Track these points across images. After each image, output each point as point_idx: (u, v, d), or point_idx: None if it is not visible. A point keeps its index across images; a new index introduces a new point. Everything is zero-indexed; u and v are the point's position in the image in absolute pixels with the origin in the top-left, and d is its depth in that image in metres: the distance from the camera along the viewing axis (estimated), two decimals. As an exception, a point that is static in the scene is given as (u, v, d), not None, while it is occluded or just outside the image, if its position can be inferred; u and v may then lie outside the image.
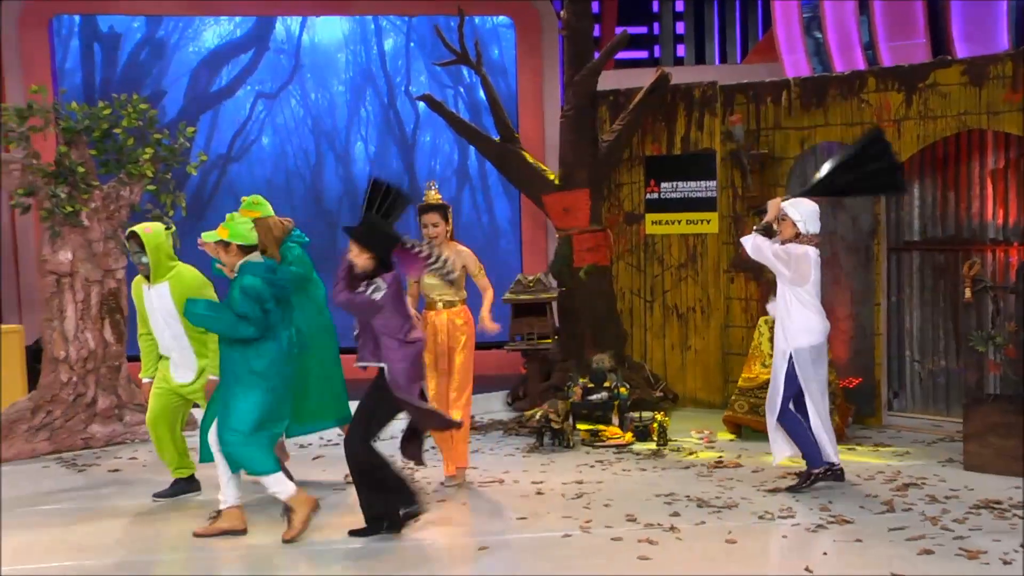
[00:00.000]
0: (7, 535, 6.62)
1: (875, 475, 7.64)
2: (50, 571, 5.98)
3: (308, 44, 12.67)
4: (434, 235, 7.49)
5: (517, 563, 5.92)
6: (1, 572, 5.41)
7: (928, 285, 9.43)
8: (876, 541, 6.10)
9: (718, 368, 10.35)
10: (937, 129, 9.03)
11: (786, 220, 7.25)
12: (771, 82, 10.23)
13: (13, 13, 11.81)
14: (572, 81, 10.26)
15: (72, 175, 9.11)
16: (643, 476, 7.80)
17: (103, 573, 5.95)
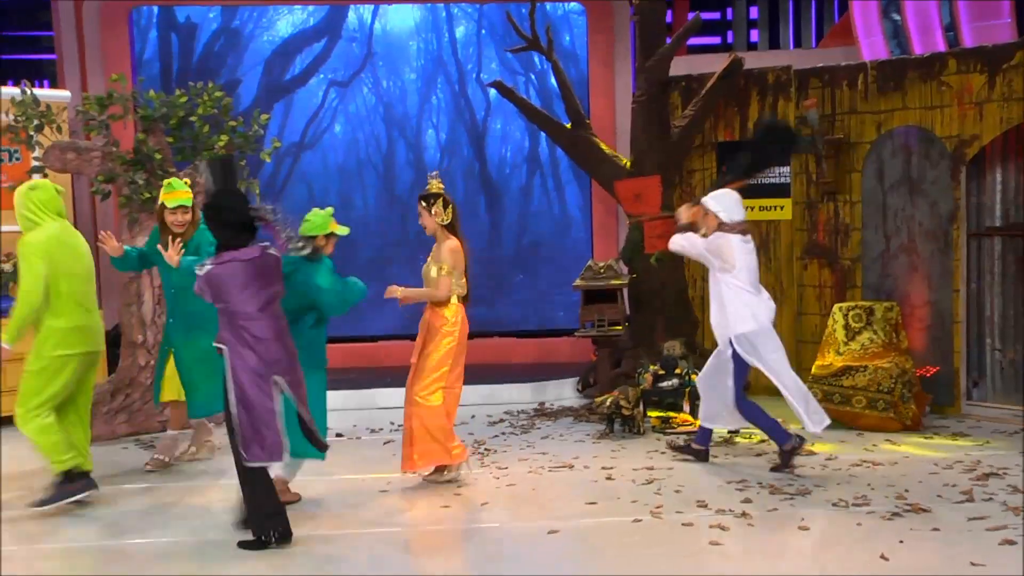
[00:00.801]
0: (95, 511, 6.80)
1: (953, 464, 7.52)
2: (135, 545, 6.12)
3: (380, 32, 12.67)
4: (422, 225, 7.34)
5: (587, 547, 5.94)
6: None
7: (1010, 272, 9.27)
8: (955, 530, 6.00)
9: (791, 356, 10.07)
10: (1021, 111, 8.83)
11: (708, 215, 7.52)
12: (847, 66, 10.10)
13: (95, 5, 11.98)
14: (644, 67, 10.21)
15: (150, 162, 9.22)
16: (714, 463, 7.77)
17: (180, 547, 6.05)
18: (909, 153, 9.54)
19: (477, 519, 6.53)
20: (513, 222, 12.83)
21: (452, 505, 6.83)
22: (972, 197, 9.37)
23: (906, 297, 9.51)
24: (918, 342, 9.37)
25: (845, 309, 9.26)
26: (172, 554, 5.99)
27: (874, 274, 9.76)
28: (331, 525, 6.47)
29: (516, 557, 5.85)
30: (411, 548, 6.15)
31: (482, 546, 6.05)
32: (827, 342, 9.23)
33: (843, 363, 8.90)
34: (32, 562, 5.91)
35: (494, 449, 8.44)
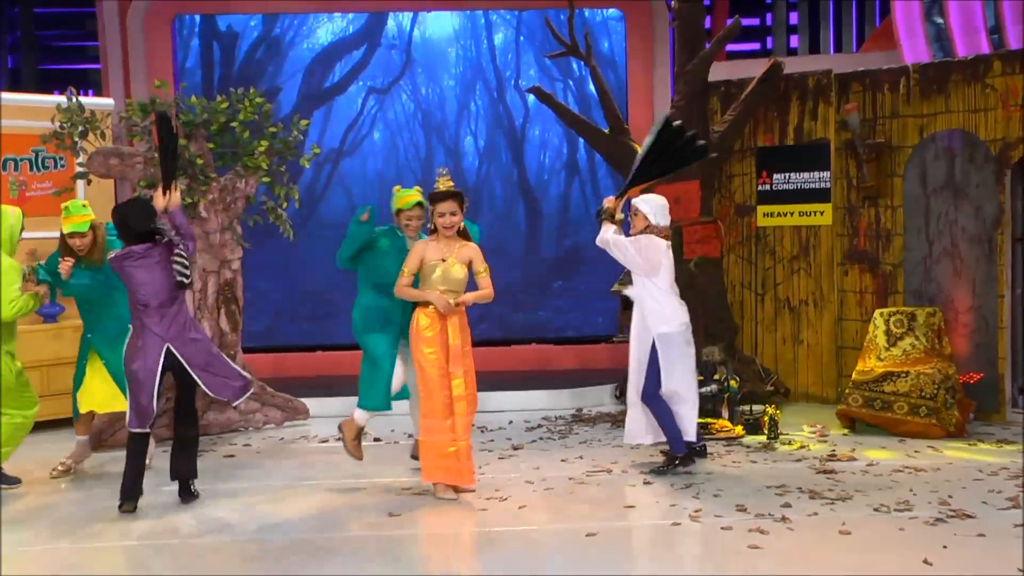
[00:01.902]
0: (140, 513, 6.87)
1: (999, 471, 7.43)
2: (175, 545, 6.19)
3: (419, 39, 12.72)
4: (450, 224, 6.93)
5: (626, 550, 5.95)
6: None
7: (1057, 277, 9.20)
8: (1001, 537, 5.93)
9: (831, 362, 10.20)
10: (1067, 114, 8.79)
11: (638, 214, 7.72)
12: (888, 69, 10.03)
13: (139, 14, 12.08)
14: (683, 71, 10.18)
15: (191, 167, 9.29)
16: (753, 468, 7.74)
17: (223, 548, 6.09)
18: (952, 157, 9.46)
19: (515, 522, 6.52)
20: (552, 228, 12.83)
21: (489, 508, 6.81)
22: (1017, 201, 9.27)
23: (949, 302, 9.42)
24: (961, 348, 9.29)
25: (887, 314, 9.21)
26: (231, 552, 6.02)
27: (916, 279, 9.68)
28: (369, 527, 6.49)
29: (554, 559, 5.87)
30: (449, 551, 6.15)
31: (520, 548, 6.03)
32: (868, 348, 9.17)
33: (884, 369, 8.85)
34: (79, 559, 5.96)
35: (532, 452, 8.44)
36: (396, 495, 7.22)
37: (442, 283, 6.90)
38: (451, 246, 6.96)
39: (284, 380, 10.09)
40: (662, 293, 7.70)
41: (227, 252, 9.44)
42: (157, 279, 6.79)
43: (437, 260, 6.90)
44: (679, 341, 7.68)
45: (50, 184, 10.21)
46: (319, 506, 6.91)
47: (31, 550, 6.15)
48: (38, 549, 6.20)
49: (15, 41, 12.82)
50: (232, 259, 9.45)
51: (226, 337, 9.45)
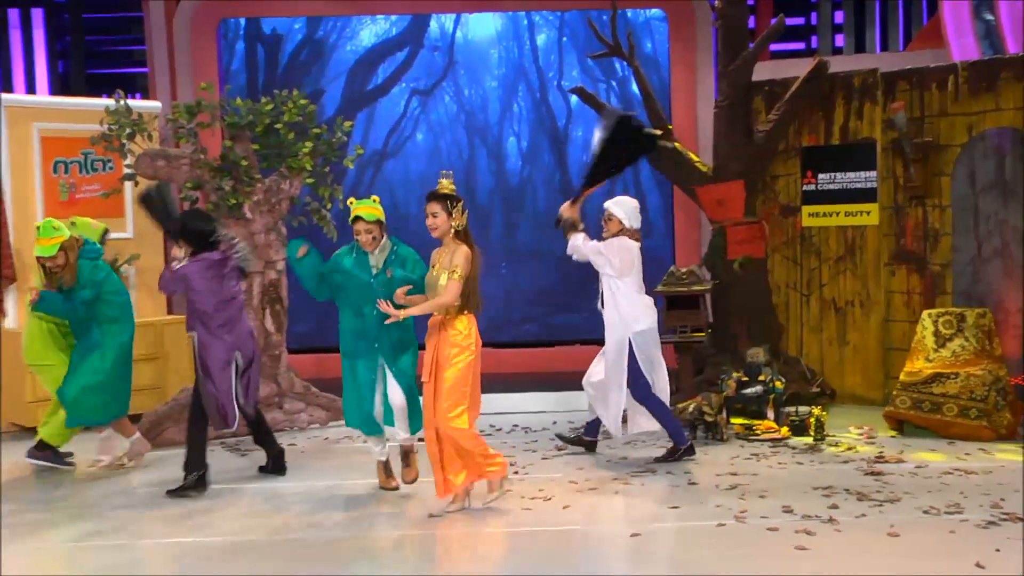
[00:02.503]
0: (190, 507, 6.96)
1: None
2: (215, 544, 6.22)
3: (461, 41, 12.78)
4: (433, 226, 6.63)
5: (670, 550, 5.95)
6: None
7: (1110, 277, 9.08)
8: None
9: (878, 364, 10.11)
10: (1120, 110, 8.69)
11: (612, 219, 7.96)
12: (936, 67, 9.92)
13: (185, 18, 12.22)
14: (726, 71, 10.17)
15: (236, 169, 9.36)
16: (799, 469, 7.69)
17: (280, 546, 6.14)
18: (1002, 155, 9.34)
19: (559, 521, 6.53)
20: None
21: (534, 508, 6.82)
22: None
23: (999, 303, 9.29)
24: (1012, 349, 9.13)
25: (935, 315, 9.11)
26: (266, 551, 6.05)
27: (965, 280, 9.56)
28: (410, 526, 6.55)
29: (597, 560, 5.87)
30: (491, 550, 6.15)
31: (563, 548, 6.04)
32: (916, 349, 9.07)
33: (933, 370, 8.77)
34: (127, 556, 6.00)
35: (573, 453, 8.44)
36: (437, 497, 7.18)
37: (428, 290, 6.68)
38: (446, 251, 6.65)
39: (329, 381, 10.10)
40: (634, 293, 7.94)
41: (272, 253, 9.49)
42: (224, 287, 7.37)
43: (430, 267, 6.74)
44: (655, 338, 8.01)
45: (99, 186, 10.37)
46: (361, 506, 6.92)
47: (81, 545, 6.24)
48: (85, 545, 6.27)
49: (65, 47, 12.98)
50: (277, 260, 9.49)
51: (271, 338, 9.50)
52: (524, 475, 7.67)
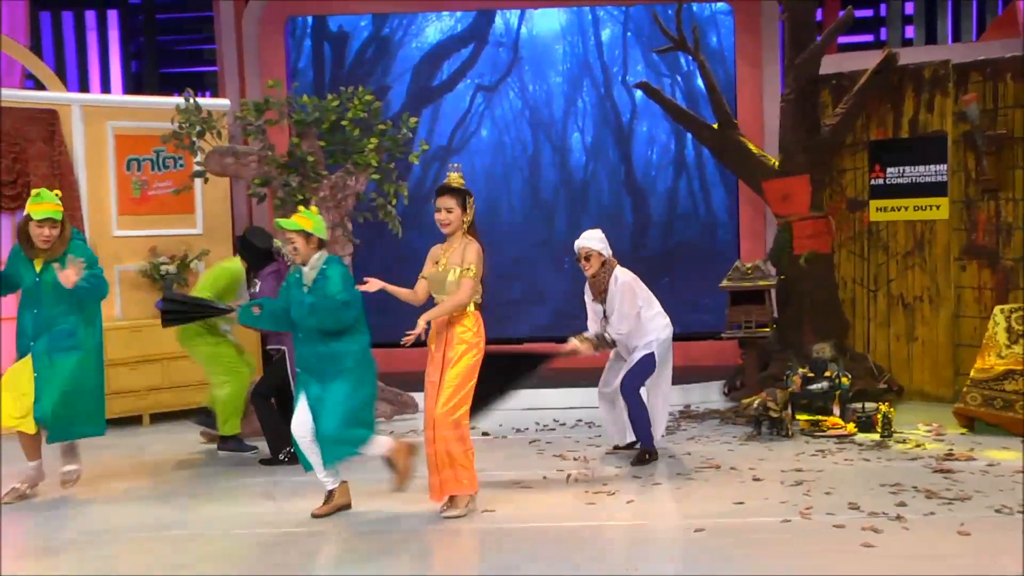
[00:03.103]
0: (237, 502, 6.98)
1: None
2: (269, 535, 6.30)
3: (526, 36, 12.79)
4: (445, 221, 6.48)
5: (734, 545, 5.89)
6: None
7: None
8: None
9: (948, 360, 10.05)
10: None
11: (592, 255, 7.91)
12: (1011, 57, 9.79)
13: (253, 17, 12.36)
14: (793, 64, 10.12)
15: (303, 165, 9.48)
16: (866, 466, 7.65)
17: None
18: None
19: (623, 515, 6.57)
20: (659, 224, 12.84)
21: (596, 503, 6.85)
22: None
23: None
24: None
25: (1008, 311, 8.98)
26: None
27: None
28: (470, 520, 6.57)
29: (662, 554, 5.92)
30: (553, 545, 6.14)
31: (627, 543, 6.08)
32: (987, 345, 8.93)
33: (1005, 367, 8.65)
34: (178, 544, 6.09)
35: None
36: (501, 488, 7.25)
37: (434, 287, 6.57)
38: (450, 247, 6.53)
39: (396, 375, 10.18)
40: (652, 307, 8.06)
41: (338, 248, 9.57)
42: None
43: (432, 263, 6.61)
44: (670, 345, 8.11)
45: (170, 183, 10.53)
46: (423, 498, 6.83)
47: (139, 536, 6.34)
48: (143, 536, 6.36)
49: (138, 47, 13.19)
50: (343, 255, 9.56)
51: None
52: (587, 470, 7.71)
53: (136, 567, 5.81)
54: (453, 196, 6.51)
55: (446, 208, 6.48)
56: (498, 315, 7.35)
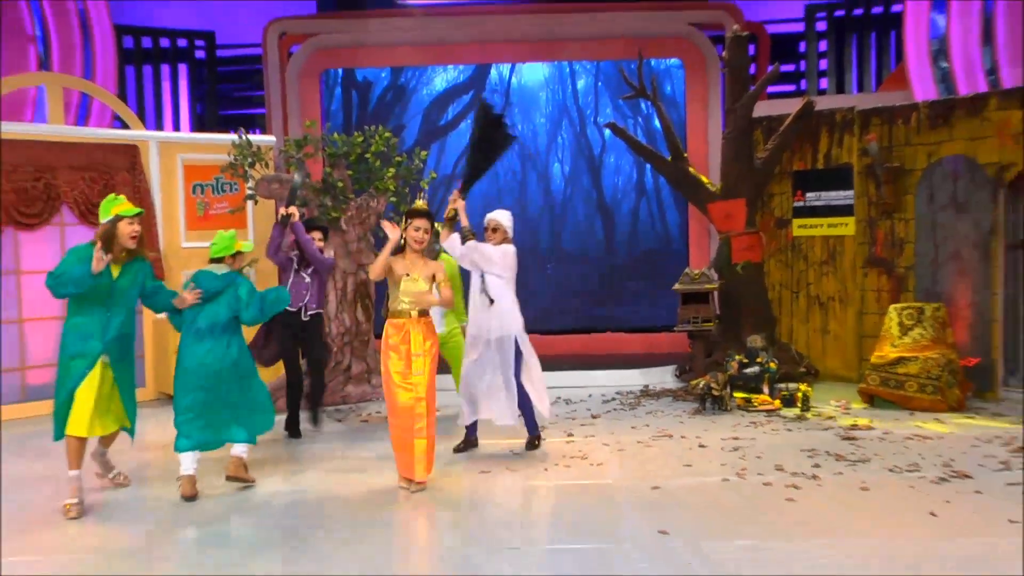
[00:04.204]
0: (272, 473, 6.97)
1: (992, 439, 7.30)
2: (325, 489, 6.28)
3: (516, 85, 12.80)
4: (422, 240, 6.22)
5: (684, 501, 5.91)
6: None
7: (1043, 278, 8.96)
8: (994, 493, 5.84)
9: (854, 349, 10.07)
10: (1053, 143, 8.57)
11: (499, 228, 7.07)
12: (902, 106, 9.87)
13: (295, 69, 12.38)
14: (732, 109, 10.11)
15: (334, 190, 9.49)
16: (789, 435, 7.65)
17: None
18: (956, 178, 9.28)
19: (594, 476, 6.51)
20: (624, 238, 12.79)
21: (572, 466, 6.78)
22: (1009, 215, 9.07)
23: (952, 299, 9.26)
24: (962, 337, 9.12)
25: (899, 309, 9.06)
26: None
27: (925, 280, 9.52)
28: (464, 477, 6.52)
29: (625, 508, 5.84)
30: (537, 500, 6.09)
31: (597, 499, 6.02)
32: (884, 337, 9.03)
33: (897, 354, 8.71)
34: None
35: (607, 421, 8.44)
36: (498, 455, 7.20)
37: (406, 295, 6.19)
38: (417, 262, 6.26)
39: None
40: (513, 293, 7.15)
41: (362, 258, 9.58)
42: None
43: (402, 273, 6.20)
44: (526, 335, 7.17)
45: (226, 204, 10.53)
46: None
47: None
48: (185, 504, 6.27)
49: (202, 94, 13.21)
50: (367, 263, 9.54)
51: (361, 326, 9.60)
52: (568, 440, 7.63)
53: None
54: (429, 219, 6.29)
55: (424, 229, 6.23)
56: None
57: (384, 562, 4.95)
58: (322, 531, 5.41)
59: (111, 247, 5.85)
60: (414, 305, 6.19)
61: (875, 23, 12.16)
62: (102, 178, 9.80)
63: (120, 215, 5.92)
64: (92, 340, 5.83)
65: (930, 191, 9.47)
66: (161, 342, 9.99)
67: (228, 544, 5.30)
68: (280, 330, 7.96)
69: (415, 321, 6.20)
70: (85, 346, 5.81)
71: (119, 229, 5.90)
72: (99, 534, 5.50)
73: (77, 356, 5.80)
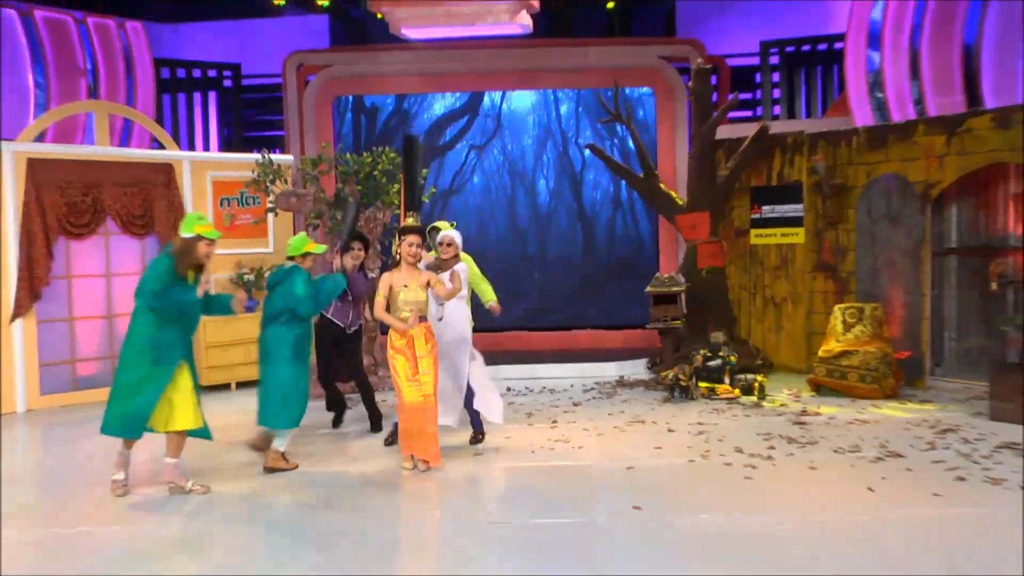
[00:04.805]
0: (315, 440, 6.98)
1: (921, 423, 7.40)
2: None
3: (507, 110, 12.73)
4: (416, 255, 6.16)
5: (655, 477, 5.95)
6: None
7: (963, 281, 9.07)
8: (922, 470, 5.96)
9: (803, 344, 10.10)
10: (971, 163, 8.69)
11: (453, 244, 6.75)
12: (845, 130, 9.93)
13: (311, 96, 12.34)
14: (697, 132, 10.14)
15: (345, 204, 9.39)
16: (747, 420, 7.68)
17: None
18: (890, 194, 9.36)
19: (575, 458, 6.53)
20: (602, 245, 12.72)
21: (556, 448, 6.79)
22: (935, 226, 9.17)
23: (888, 300, 9.33)
24: (896, 333, 9.20)
25: (843, 309, 9.12)
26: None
27: (864, 283, 9.59)
28: (470, 461, 6.52)
29: (603, 486, 5.86)
30: (525, 477, 6.10)
31: (579, 477, 6.05)
32: (829, 333, 9.08)
33: (841, 348, 8.76)
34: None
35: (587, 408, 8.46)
36: (490, 438, 7.09)
37: (406, 304, 6.10)
38: (412, 274, 6.17)
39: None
40: (468, 305, 6.91)
41: (369, 263, 9.59)
42: None
43: (400, 286, 6.13)
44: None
45: (250, 216, 10.56)
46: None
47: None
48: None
49: (229, 119, 13.19)
50: (373, 268, 9.56)
51: (368, 323, 9.50)
52: (552, 426, 7.62)
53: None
54: (421, 235, 6.27)
55: (417, 244, 6.17)
56: (484, 311, 7.25)
57: (389, 528, 5.05)
58: (331, 509, 5.48)
59: (186, 261, 5.67)
60: (414, 313, 6.09)
61: (821, 58, 12.26)
62: (142, 193, 9.84)
63: (201, 235, 5.72)
64: (174, 349, 5.66)
65: (868, 205, 9.55)
66: (193, 338, 10.05)
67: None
68: (326, 344, 7.64)
69: (416, 327, 6.15)
70: (165, 354, 5.63)
71: (198, 248, 5.69)
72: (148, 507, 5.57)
73: (164, 364, 5.62)
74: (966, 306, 9.08)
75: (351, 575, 4.41)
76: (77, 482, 6.25)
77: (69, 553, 4.83)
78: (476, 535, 4.91)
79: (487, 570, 4.44)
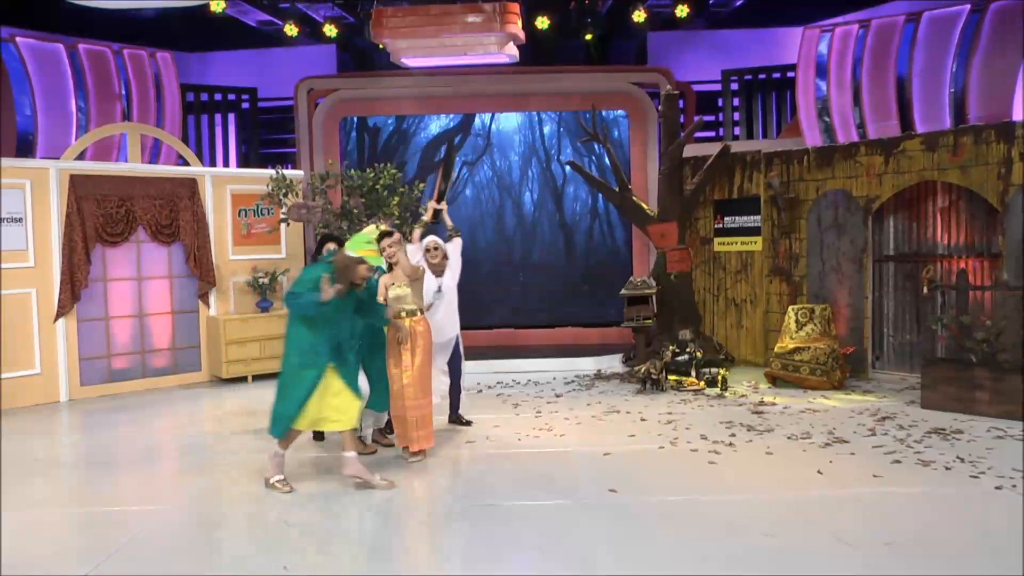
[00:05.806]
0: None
1: (863, 411, 7.45)
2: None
3: (495, 130, 12.70)
4: (394, 256, 6.06)
5: (629, 463, 5.96)
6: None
7: (900, 285, 9.13)
8: (864, 454, 6.02)
9: (761, 340, 10.13)
10: (905, 180, 8.75)
11: (439, 249, 6.65)
12: (797, 150, 9.95)
13: (320, 117, 12.33)
14: (667, 151, 10.10)
15: (351, 215, 9.49)
16: (711, 410, 7.68)
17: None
18: (837, 207, 9.40)
19: (557, 444, 6.53)
20: (581, 252, 12.68)
21: (540, 436, 6.79)
22: (875, 236, 9.22)
23: (835, 301, 9.37)
24: (842, 331, 9.24)
25: (796, 309, 9.16)
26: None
27: (815, 286, 9.62)
28: (464, 448, 6.49)
29: (583, 470, 5.87)
30: (512, 462, 6.10)
31: (560, 462, 6.06)
32: (784, 331, 9.12)
33: (794, 345, 8.80)
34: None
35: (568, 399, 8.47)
36: (480, 427, 7.05)
37: (396, 301, 5.94)
38: (396, 273, 6.07)
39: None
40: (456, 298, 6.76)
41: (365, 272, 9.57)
42: None
43: (389, 285, 6.01)
44: None
45: (265, 225, 10.51)
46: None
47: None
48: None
49: (247, 137, 13.17)
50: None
51: None
52: (537, 414, 7.60)
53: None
54: (389, 236, 6.13)
55: (390, 244, 6.07)
56: (476, 311, 7.17)
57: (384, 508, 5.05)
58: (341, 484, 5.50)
59: (342, 279, 5.27)
60: (404, 305, 5.96)
61: (775, 85, 12.37)
62: (168, 204, 9.83)
63: (364, 260, 5.39)
64: (320, 354, 5.27)
65: (818, 217, 9.59)
66: (213, 334, 10.08)
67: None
68: None
69: (419, 321, 6.10)
70: (314, 359, 5.27)
71: (358, 270, 5.32)
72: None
73: (309, 367, 5.27)
74: (902, 307, 9.14)
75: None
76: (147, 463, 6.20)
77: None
78: (465, 515, 4.92)
79: (477, 544, 4.46)
